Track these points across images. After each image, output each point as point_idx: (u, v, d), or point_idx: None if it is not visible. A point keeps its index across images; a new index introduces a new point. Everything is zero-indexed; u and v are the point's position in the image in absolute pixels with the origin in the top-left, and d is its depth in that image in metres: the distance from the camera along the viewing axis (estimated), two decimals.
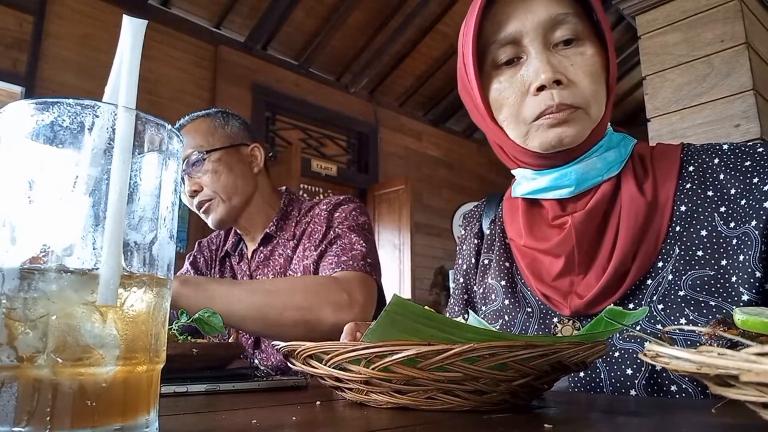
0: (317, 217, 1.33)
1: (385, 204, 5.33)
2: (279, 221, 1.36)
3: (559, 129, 0.69)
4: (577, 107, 0.69)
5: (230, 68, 4.36)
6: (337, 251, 1.23)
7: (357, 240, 1.25)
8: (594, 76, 0.70)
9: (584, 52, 0.71)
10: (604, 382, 0.70)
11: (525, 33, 0.71)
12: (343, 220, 1.29)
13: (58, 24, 3.53)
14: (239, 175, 1.34)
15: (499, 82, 0.74)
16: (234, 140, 1.37)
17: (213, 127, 1.36)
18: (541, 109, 0.69)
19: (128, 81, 0.33)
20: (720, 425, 0.39)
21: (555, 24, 0.70)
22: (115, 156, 0.31)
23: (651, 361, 0.31)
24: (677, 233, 0.71)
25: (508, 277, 0.84)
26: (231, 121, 1.40)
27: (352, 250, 1.22)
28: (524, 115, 0.72)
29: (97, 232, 0.30)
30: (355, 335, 0.64)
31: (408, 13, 4.63)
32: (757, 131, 1.83)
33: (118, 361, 0.30)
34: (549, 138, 0.70)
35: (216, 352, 0.82)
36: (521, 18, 0.71)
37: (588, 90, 0.70)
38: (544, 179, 0.76)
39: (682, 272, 0.68)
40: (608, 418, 0.47)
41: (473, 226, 0.95)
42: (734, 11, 1.93)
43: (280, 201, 1.41)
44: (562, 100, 0.68)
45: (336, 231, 1.27)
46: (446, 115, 5.98)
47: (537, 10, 0.71)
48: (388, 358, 0.44)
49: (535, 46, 0.71)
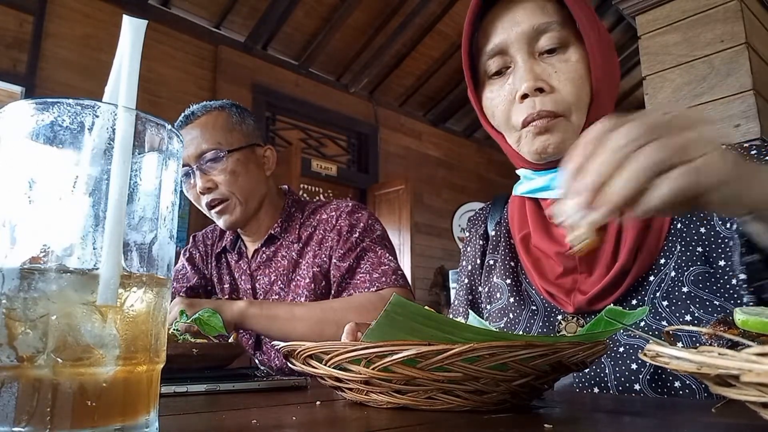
0: (326, 224, 1.32)
1: (385, 204, 5.33)
2: (283, 222, 1.35)
3: (543, 137, 0.73)
4: (559, 114, 0.72)
5: (230, 68, 4.36)
6: (367, 269, 1.24)
7: (383, 253, 1.26)
8: (577, 82, 0.73)
9: (568, 59, 0.73)
10: (609, 377, 0.71)
11: (511, 43, 0.74)
12: (363, 232, 1.29)
13: (58, 24, 3.53)
14: (254, 176, 1.32)
15: (490, 91, 0.78)
16: (251, 139, 1.34)
17: (231, 123, 1.31)
18: (524, 116, 0.73)
19: (128, 81, 0.33)
20: (720, 425, 0.39)
21: (539, 33, 0.73)
22: (115, 156, 0.31)
23: (651, 360, 0.31)
24: (678, 230, 0.71)
25: (513, 275, 0.85)
26: (246, 117, 1.36)
27: (382, 265, 1.24)
28: (513, 122, 0.75)
29: (97, 232, 0.30)
30: (355, 335, 0.64)
31: (408, 13, 4.63)
32: (757, 131, 1.83)
33: (118, 361, 0.30)
34: (536, 147, 0.74)
35: (216, 352, 0.82)
36: (507, 29, 0.75)
37: (571, 96, 0.72)
38: (541, 179, 0.79)
39: (684, 268, 0.69)
40: (609, 418, 0.47)
41: (478, 228, 0.97)
42: (734, 11, 1.93)
43: (283, 201, 1.40)
44: (544, 107, 0.72)
45: (361, 245, 1.26)
46: (446, 115, 5.98)
47: (521, 20, 0.74)
48: (388, 358, 0.44)
49: (520, 56, 0.74)
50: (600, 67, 0.73)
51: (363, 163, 5.43)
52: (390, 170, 5.50)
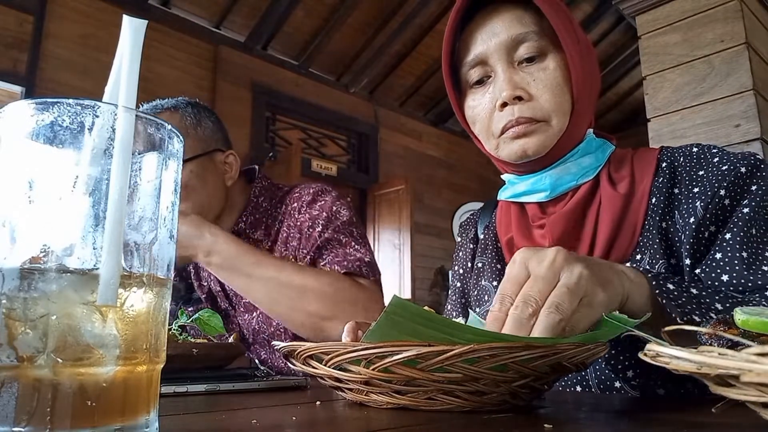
0: (289, 218, 1.20)
1: (385, 204, 5.33)
2: (248, 216, 1.21)
3: (522, 141, 0.75)
4: (538, 120, 0.74)
5: (230, 68, 4.36)
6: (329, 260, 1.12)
7: (348, 242, 1.15)
8: (555, 89, 0.75)
9: (546, 67, 0.75)
10: (590, 376, 0.73)
11: (490, 54, 0.77)
12: (326, 223, 1.16)
13: (58, 24, 3.53)
14: (212, 189, 1.15)
15: (472, 99, 0.80)
16: (208, 145, 1.16)
17: (184, 127, 1.13)
18: (503, 124, 0.75)
19: (128, 81, 0.33)
20: (720, 425, 0.39)
21: (517, 43, 0.75)
22: (115, 156, 0.31)
23: (651, 360, 0.31)
24: (651, 225, 0.73)
25: (500, 278, 0.87)
26: (203, 119, 1.18)
27: (347, 256, 1.12)
28: (492, 130, 0.78)
29: (97, 232, 0.30)
30: (356, 334, 0.64)
31: (408, 13, 4.62)
32: (757, 131, 1.83)
33: (118, 361, 0.30)
34: (514, 149, 0.76)
35: (216, 352, 0.82)
36: (486, 40, 0.77)
37: (549, 104, 0.74)
38: (522, 184, 0.81)
39: (654, 264, 0.71)
40: (609, 418, 0.47)
41: (469, 231, 1.00)
42: (734, 11, 1.93)
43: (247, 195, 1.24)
44: (522, 114, 0.74)
45: (323, 236, 1.14)
46: (446, 115, 5.97)
47: (500, 32, 0.76)
48: (389, 359, 0.44)
49: (500, 65, 0.76)
50: (580, 74, 0.75)
51: (363, 163, 5.43)
52: (390, 170, 5.50)
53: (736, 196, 0.68)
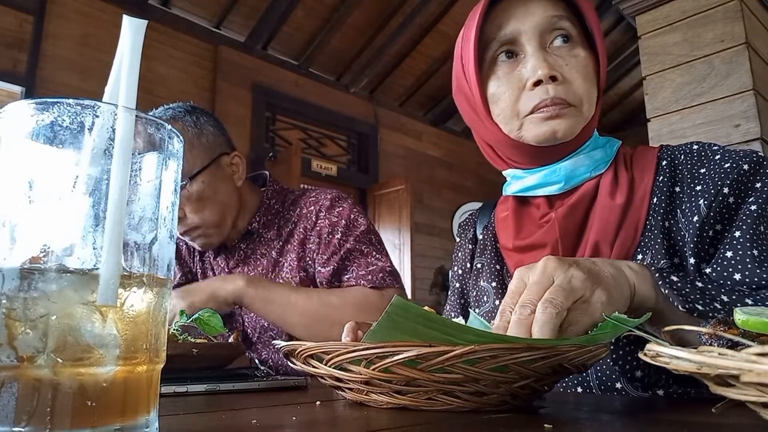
0: (305, 220, 1.24)
1: (385, 204, 5.33)
2: (261, 217, 1.26)
3: (553, 122, 0.73)
4: (570, 104, 0.73)
5: (230, 68, 4.35)
6: (354, 270, 1.17)
7: (369, 252, 1.20)
8: (587, 77, 0.75)
9: (578, 54, 0.75)
10: (590, 377, 0.73)
11: (523, 32, 0.75)
12: (345, 231, 1.20)
13: (58, 24, 3.53)
14: (225, 194, 1.18)
15: (497, 78, 0.78)
16: (213, 152, 1.17)
17: (188, 140, 1.13)
18: (535, 103, 0.73)
19: (128, 81, 0.33)
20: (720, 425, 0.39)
21: (551, 25, 0.75)
22: (115, 156, 0.31)
23: (651, 360, 0.31)
24: (653, 225, 0.73)
25: (498, 279, 0.86)
26: (204, 126, 1.18)
27: (369, 266, 1.17)
28: (519, 109, 0.75)
29: (97, 232, 0.30)
30: (356, 334, 0.64)
31: (408, 13, 4.62)
32: (757, 131, 1.83)
33: (118, 361, 0.30)
34: (543, 130, 0.74)
35: (216, 352, 0.82)
36: (520, 19, 0.76)
37: (581, 89, 0.74)
38: (533, 177, 0.80)
39: (657, 264, 0.70)
40: (609, 418, 0.47)
41: (468, 232, 0.99)
42: (734, 11, 1.93)
43: (259, 197, 1.29)
44: (557, 94, 0.72)
45: (345, 247, 1.19)
46: (446, 115, 5.97)
47: (535, 11, 0.75)
48: (389, 359, 0.44)
49: (532, 45, 0.75)
50: (605, 66, 0.76)
51: (363, 163, 5.43)
52: (390, 170, 5.50)
53: (741, 194, 0.68)
